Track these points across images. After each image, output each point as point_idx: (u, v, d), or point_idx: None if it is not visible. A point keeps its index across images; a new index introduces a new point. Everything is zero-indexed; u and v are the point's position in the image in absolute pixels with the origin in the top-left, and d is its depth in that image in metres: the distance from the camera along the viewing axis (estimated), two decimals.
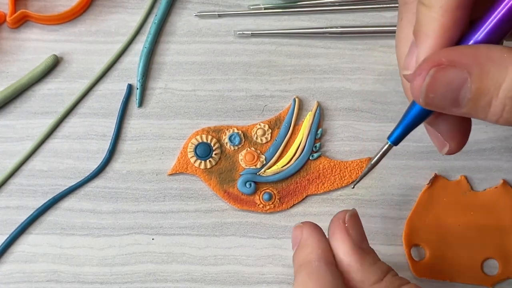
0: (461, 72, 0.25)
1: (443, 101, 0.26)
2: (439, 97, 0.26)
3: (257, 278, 0.41)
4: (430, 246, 0.41)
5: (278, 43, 0.43)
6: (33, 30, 0.43)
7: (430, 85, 0.26)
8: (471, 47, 0.26)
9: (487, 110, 0.25)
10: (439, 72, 0.26)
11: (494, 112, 0.25)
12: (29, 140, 0.42)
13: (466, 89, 0.25)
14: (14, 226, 0.41)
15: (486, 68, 0.24)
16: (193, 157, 0.41)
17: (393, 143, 0.31)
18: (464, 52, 0.25)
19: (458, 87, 0.25)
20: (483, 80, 0.25)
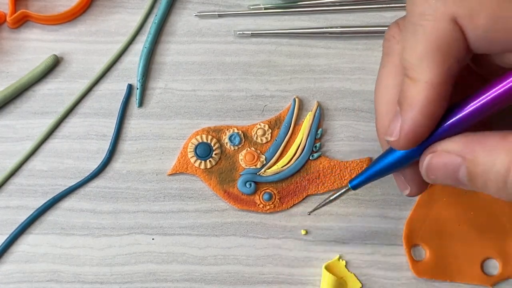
0: (455, 158, 0.28)
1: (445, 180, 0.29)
2: (440, 178, 0.29)
3: (257, 278, 0.41)
4: (430, 246, 0.41)
5: (278, 43, 0.43)
6: (33, 30, 0.43)
7: (428, 170, 0.29)
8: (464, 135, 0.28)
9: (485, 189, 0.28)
10: (434, 158, 0.28)
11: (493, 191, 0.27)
12: (29, 140, 0.42)
13: (463, 172, 0.28)
14: (14, 226, 0.41)
15: (477, 154, 0.27)
16: (193, 157, 0.41)
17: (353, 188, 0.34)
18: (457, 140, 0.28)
19: (455, 171, 0.28)
20: (475, 166, 0.27)
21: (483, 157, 0.27)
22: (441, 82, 0.27)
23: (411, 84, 0.27)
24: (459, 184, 0.29)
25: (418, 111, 0.27)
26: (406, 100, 0.28)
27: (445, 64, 0.27)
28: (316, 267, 0.41)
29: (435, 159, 0.28)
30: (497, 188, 0.27)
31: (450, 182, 0.29)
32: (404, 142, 0.29)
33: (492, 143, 0.27)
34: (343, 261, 0.41)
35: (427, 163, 0.29)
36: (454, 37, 0.26)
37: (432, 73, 0.27)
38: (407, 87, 0.28)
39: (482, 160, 0.27)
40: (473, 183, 0.28)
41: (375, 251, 0.41)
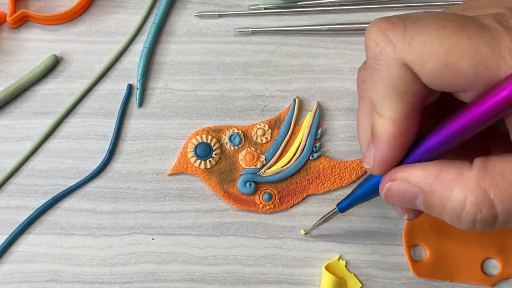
0: (413, 187, 0.29)
1: (402, 205, 0.31)
2: (398, 203, 0.31)
3: (257, 278, 0.41)
4: (430, 246, 0.41)
5: (278, 43, 0.43)
6: (33, 30, 0.43)
7: (387, 195, 0.31)
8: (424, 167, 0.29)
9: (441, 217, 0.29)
10: (393, 185, 0.30)
11: (447, 221, 0.29)
12: (29, 140, 0.42)
13: (420, 201, 0.29)
14: (14, 226, 0.41)
15: (434, 188, 0.28)
16: (193, 157, 0.41)
17: (340, 210, 0.37)
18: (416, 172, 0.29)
19: (413, 199, 0.30)
20: (431, 197, 0.29)
21: (439, 191, 0.28)
22: (404, 118, 0.29)
23: (378, 119, 0.29)
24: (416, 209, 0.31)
25: (385, 144, 0.29)
26: (375, 133, 0.30)
27: (404, 102, 0.28)
28: (316, 267, 0.41)
29: (394, 186, 0.30)
30: (452, 220, 0.28)
31: (408, 206, 0.31)
32: (377, 169, 0.31)
33: (449, 178, 0.28)
34: (343, 261, 0.41)
35: (386, 189, 0.30)
36: (408, 78, 0.28)
37: (393, 111, 0.28)
38: (375, 121, 0.30)
39: (438, 193, 0.28)
40: (430, 211, 0.30)
41: (375, 251, 0.41)
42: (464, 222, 0.28)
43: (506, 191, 0.27)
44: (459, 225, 0.28)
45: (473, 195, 0.27)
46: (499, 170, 0.27)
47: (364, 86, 0.33)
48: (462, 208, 0.27)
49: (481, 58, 0.26)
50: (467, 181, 0.27)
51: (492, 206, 0.27)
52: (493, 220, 0.27)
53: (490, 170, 0.27)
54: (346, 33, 0.43)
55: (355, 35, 0.43)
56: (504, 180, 0.27)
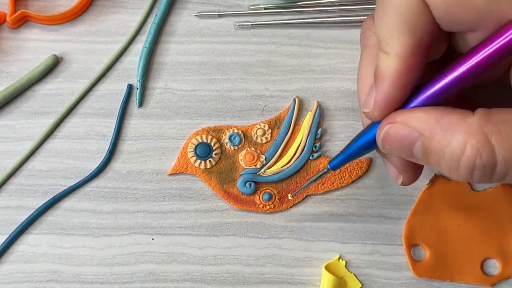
0: (412, 132, 0.28)
1: (399, 153, 0.30)
2: (395, 150, 0.30)
3: (257, 278, 0.41)
4: (430, 246, 0.41)
5: (278, 43, 0.43)
6: (33, 30, 0.43)
7: (385, 139, 0.30)
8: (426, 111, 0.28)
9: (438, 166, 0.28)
10: (392, 129, 0.29)
11: (446, 171, 0.28)
12: (29, 140, 0.42)
13: (418, 147, 0.28)
14: (14, 226, 0.41)
15: (434, 132, 0.28)
16: (193, 157, 0.41)
17: (332, 169, 0.35)
18: (417, 115, 0.28)
19: (410, 144, 0.29)
20: (431, 142, 0.28)
21: (439, 135, 0.27)
22: (411, 54, 0.28)
23: (384, 57, 0.29)
24: (412, 158, 0.30)
25: (389, 82, 0.29)
26: (379, 72, 0.29)
27: (413, 36, 0.28)
28: (316, 267, 0.41)
29: (393, 130, 0.29)
30: (450, 167, 0.28)
31: (404, 155, 0.30)
32: (378, 112, 0.30)
33: (451, 122, 0.27)
34: (343, 261, 0.41)
35: (385, 133, 0.29)
36: (420, 9, 0.28)
37: (402, 45, 0.28)
38: (380, 60, 0.29)
39: (438, 138, 0.27)
40: (426, 160, 0.29)
41: (375, 251, 0.41)
42: (463, 169, 0.27)
43: (508, 138, 0.26)
44: (457, 174, 0.28)
45: (474, 139, 0.26)
46: (503, 118, 0.27)
47: (369, 33, 0.32)
48: (461, 153, 0.27)
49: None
50: (469, 126, 0.27)
51: (492, 152, 0.26)
52: (492, 168, 0.27)
53: (493, 117, 0.27)
54: (347, 26, 0.43)
55: (356, 27, 0.43)
56: (507, 128, 0.26)
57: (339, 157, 0.34)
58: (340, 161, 0.34)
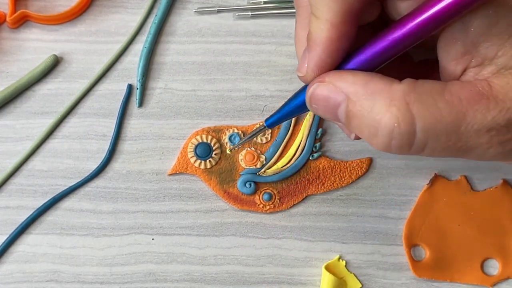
0: (338, 93, 0.28)
1: (325, 114, 0.30)
2: (321, 109, 0.30)
3: (257, 278, 0.41)
4: (430, 246, 0.41)
5: (278, 43, 0.43)
6: (33, 30, 0.43)
7: (312, 98, 0.30)
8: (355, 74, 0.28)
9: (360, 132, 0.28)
10: (319, 87, 0.29)
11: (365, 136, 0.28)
12: (29, 140, 0.42)
13: (342, 109, 0.28)
14: (14, 226, 0.41)
15: (359, 96, 0.27)
16: (193, 157, 0.41)
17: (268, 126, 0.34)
18: (346, 77, 0.28)
19: (335, 106, 0.29)
20: (354, 105, 0.28)
21: (363, 100, 0.27)
22: (342, 21, 0.28)
23: (315, 21, 0.29)
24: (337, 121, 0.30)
25: (321, 49, 0.29)
26: (311, 37, 0.29)
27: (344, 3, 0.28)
28: (316, 267, 0.41)
29: (320, 89, 0.29)
30: (369, 133, 0.28)
31: (329, 117, 0.30)
32: (310, 77, 0.30)
33: (376, 88, 0.27)
34: (343, 261, 0.41)
35: (312, 91, 0.29)
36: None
37: (333, 11, 0.28)
38: (312, 24, 0.29)
39: (362, 102, 0.27)
40: (349, 123, 0.29)
41: (375, 251, 0.41)
42: (381, 136, 0.27)
43: (429, 108, 0.26)
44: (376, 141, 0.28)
45: (395, 106, 0.26)
46: (427, 89, 0.27)
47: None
48: (381, 119, 0.27)
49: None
50: (393, 93, 0.27)
51: (412, 122, 0.26)
52: (410, 138, 0.27)
53: (418, 87, 0.27)
54: None
55: None
56: (430, 98, 0.26)
57: (275, 115, 0.34)
58: (275, 120, 0.34)
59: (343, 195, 0.42)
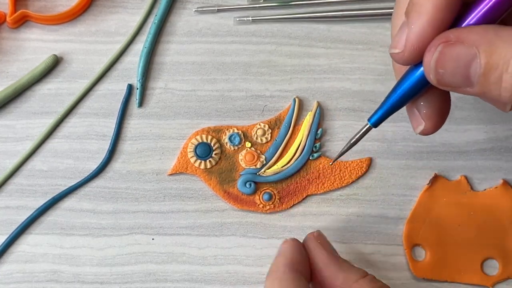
0: (470, 48, 0.25)
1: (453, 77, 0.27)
2: (450, 73, 0.26)
3: (257, 278, 0.41)
4: (430, 246, 0.41)
5: (278, 43, 0.43)
6: (33, 30, 0.43)
7: (439, 61, 0.26)
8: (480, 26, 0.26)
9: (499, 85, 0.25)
10: (447, 47, 0.26)
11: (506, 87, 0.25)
12: (29, 140, 0.42)
13: (476, 65, 0.26)
14: (14, 226, 0.41)
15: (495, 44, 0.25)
16: (193, 157, 0.41)
17: (373, 125, 0.32)
18: (473, 29, 0.26)
19: (468, 63, 0.26)
20: (492, 55, 0.25)
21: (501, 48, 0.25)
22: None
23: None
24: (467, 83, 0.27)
25: (425, 19, 0.26)
26: (414, 7, 0.27)
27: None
28: None
29: (448, 49, 0.26)
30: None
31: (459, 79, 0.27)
32: (409, 53, 0.27)
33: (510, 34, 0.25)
34: None
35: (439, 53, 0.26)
36: None
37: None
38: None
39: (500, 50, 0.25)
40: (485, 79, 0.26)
41: (375, 251, 0.41)
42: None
43: None
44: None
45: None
46: None
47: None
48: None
49: None
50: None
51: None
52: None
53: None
54: (348, 20, 0.43)
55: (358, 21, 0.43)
56: None
57: (378, 112, 0.31)
58: (381, 116, 0.31)
59: (343, 195, 0.42)
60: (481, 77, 0.26)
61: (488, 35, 0.25)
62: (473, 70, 0.26)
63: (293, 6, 0.44)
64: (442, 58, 0.26)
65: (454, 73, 0.27)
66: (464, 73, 0.26)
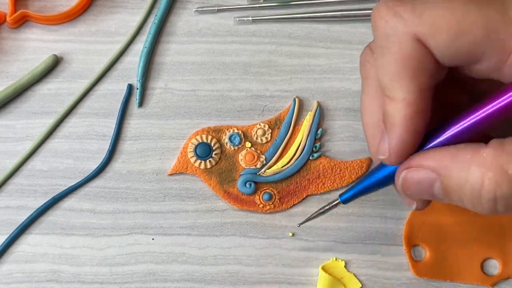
0: (429, 173, 0.28)
1: (420, 196, 0.30)
2: (416, 193, 0.30)
3: (257, 278, 0.41)
4: (430, 246, 0.41)
5: (278, 43, 0.43)
6: (33, 30, 0.43)
7: (404, 185, 0.30)
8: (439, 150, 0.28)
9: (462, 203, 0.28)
10: (409, 173, 0.29)
11: (469, 206, 0.28)
12: (29, 140, 0.42)
13: (438, 188, 0.28)
14: (14, 226, 0.41)
15: (451, 170, 0.27)
16: (193, 157, 0.41)
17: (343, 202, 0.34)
18: (432, 155, 0.28)
19: (430, 186, 0.29)
20: (449, 180, 0.28)
21: (456, 172, 0.27)
22: (417, 98, 0.28)
23: (390, 103, 0.28)
24: (435, 198, 0.30)
25: (400, 129, 0.28)
26: (388, 119, 0.29)
27: (416, 80, 0.28)
28: (316, 267, 0.41)
29: (410, 175, 0.29)
30: (472, 202, 0.28)
31: (426, 197, 0.30)
32: (395, 159, 0.29)
33: (465, 157, 0.27)
34: (342, 261, 0.41)
35: (402, 179, 0.30)
36: (420, 54, 0.27)
37: (406, 90, 0.28)
38: (387, 106, 0.29)
39: (456, 175, 0.27)
40: (448, 198, 0.29)
41: (375, 251, 0.41)
42: (485, 203, 0.27)
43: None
44: (481, 208, 0.28)
45: (491, 171, 0.26)
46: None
47: (368, 66, 0.32)
48: (481, 187, 0.27)
49: (492, 25, 0.26)
50: (484, 159, 0.26)
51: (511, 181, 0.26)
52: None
53: (507, 147, 0.26)
54: (348, 20, 0.43)
55: (358, 21, 0.43)
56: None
57: (351, 190, 0.34)
58: (352, 195, 0.34)
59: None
60: (444, 196, 0.29)
61: (444, 161, 0.28)
62: (436, 191, 0.29)
63: (293, 6, 0.44)
64: (406, 183, 0.29)
65: (419, 194, 0.30)
66: (429, 192, 0.29)
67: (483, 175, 0.26)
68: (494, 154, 0.26)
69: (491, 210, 0.27)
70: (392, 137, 0.29)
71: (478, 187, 0.27)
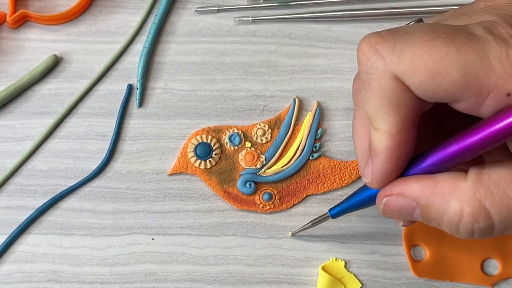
0: (409, 201, 0.30)
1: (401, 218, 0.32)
2: (396, 217, 0.32)
3: (257, 278, 0.41)
4: (430, 246, 0.41)
5: (278, 43, 0.43)
6: (33, 30, 0.43)
7: (385, 209, 0.31)
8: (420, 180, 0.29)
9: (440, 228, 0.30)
10: (390, 199, 0.31)
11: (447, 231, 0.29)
12: (29, 140, 0.42)
13: (417, 214, 0.30)
14: (14, 226, 0.41)
15: (430, 200, 0.29)
16: (193, 157, 0.41)
17: (332, 216, 0.37)
18: (412, 185, 0.30)
19: (410, 212, 0.30)
20: (429, 210, 0.29)
21: (436, 204, 0.29)
22: (399, 131, 0.29)
23: (375, 133, 0.30)
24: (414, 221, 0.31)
25: (382, 158, 0.30)
26: (372, 147, 0.30)
27: (397, 115, 0.28)
28: (316, 267, 0.41)
29: (391, 202, 0.31)
30: (450, 231, 0.29)
31: (407, 219, 0.31)
32: (376, 184, 0.31)
33: (445, 191, 0.28)
34: (342, 261, 0.41)
35: (383, 204, 0.31)
36: (399, 91, 0.28)
37: (388, 124, 0.29)
38: (372, 135, 0.30)
39: (435, 206, 0.29)
40: (428, 223, 0.30)
41: (375, 251, 0.41)
42: (463, 232, 0.29)
43: (501, 200, 0.27)
44: (458, 235, 0.29)
45: (469, 206, 0.28)
46: (494, 180, 0.28)
47: (360, 95, 0.33)
48: (459, 220, 0.28)
49: (470, 68, 0.26)
50: (463, 193, 0.28)
51: (488, 216, 0.28)
52: (490, 229, 0.28)
53: (485, 180, 0.28)
54: (348, 20, 0.43)
55: (358, 21, 0.43)
56: (499, 190, 0.27)
57: (339, 206, 0.36)
58: (340, 211, 0.36)
59: (343, 195, 0.42)
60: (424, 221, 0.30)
61: (424, 192, 0.29)
62: (416, 216, 0.30)
63: (293, 6, 0.44)
64: (388, 208, 0.31)
65: (400, 217, 0.31)
66: (409, 217, 0.31)
67: (462, 210, 0.28)
68: (472, 188, 0.28)
69: (467, 237, 0.29)
70: (375, 164, 0.30)
71: (457, 219, 0.28)
